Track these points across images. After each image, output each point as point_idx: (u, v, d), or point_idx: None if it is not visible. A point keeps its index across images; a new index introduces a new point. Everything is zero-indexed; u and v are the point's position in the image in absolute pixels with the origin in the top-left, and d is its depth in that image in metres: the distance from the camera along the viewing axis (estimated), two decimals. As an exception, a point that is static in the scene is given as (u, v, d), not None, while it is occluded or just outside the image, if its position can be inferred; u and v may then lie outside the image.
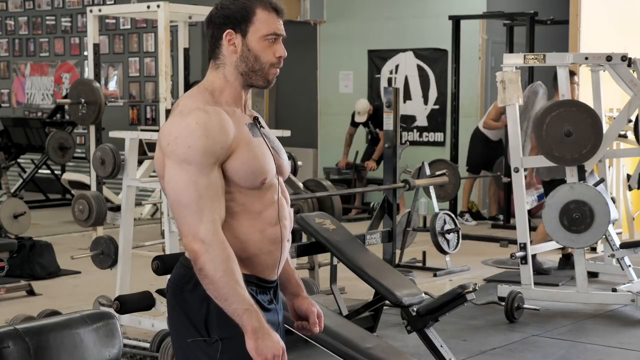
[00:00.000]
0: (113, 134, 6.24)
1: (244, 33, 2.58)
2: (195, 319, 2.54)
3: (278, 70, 2.63)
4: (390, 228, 6.75)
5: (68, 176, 11.66)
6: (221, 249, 2.45)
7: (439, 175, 8.15)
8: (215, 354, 2.53)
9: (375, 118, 11.26)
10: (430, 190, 8.16)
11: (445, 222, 7.64)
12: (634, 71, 6.91)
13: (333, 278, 5.45)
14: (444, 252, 7.68)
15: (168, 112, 6.89)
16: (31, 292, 7.09)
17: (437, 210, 7.85)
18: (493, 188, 11.21)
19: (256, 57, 2.58)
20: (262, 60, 2.58)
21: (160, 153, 2.54)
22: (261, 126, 2.64)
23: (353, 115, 11.57)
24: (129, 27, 13.44)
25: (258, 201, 2.57)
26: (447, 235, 7.61)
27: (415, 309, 4.78)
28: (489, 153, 10.91)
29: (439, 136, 11.87)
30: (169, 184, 2.50)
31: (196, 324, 2.54)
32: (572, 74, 7.38)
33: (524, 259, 6.71)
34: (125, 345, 5.29)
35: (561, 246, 7.31)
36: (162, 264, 4.13)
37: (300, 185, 6.69)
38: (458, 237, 7.69)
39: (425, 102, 11.96)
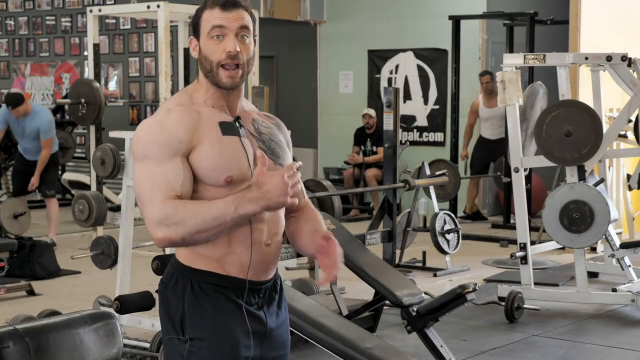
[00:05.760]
0: (113, 134, 6.25)
1: (198, 37, 2.58)
2: (173, 317, 2.55)
3: (235, 71, 2.53)
4: (390, 228, 6.75)
5: (68, 176, 11.66)
6: (174, 209, 2.40)
7: (439, 175, 8.16)
8: (185, 353, 2.52)
9: (375, 135, 11.30)
10: (430, 190, 8.17)
11: (445, 222, 7.65)
12: (634, 71, 6.91)
13: (333, 278, 5.44)
14: (444, 252, 7.69)
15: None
16: (31, 292, 7.08)
17: (437, 210, 7.85)
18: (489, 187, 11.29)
19: (206, 57, 2.55)
20: (210, 59, 2.54)
21: None
22: (241, 125, 2.58)
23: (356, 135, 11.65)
24: (129, 27, 13.43)
25: None
26: (447, 235, 7.61)
27: (415, 309, 4.78)
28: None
29: (439, 136, 11.87)
30: (133, 180, 2.54)
31: (174, 322, 2.55)
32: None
33: (524, 259, 6.71)
34: (125, 345, 5.29)
35: (561, 246, 7.32)
36: (162, 264, 4.14)
37: (300, 185, 6.68)
38: (458, 237, 7.70)
39: (425, 102, 11.95)
